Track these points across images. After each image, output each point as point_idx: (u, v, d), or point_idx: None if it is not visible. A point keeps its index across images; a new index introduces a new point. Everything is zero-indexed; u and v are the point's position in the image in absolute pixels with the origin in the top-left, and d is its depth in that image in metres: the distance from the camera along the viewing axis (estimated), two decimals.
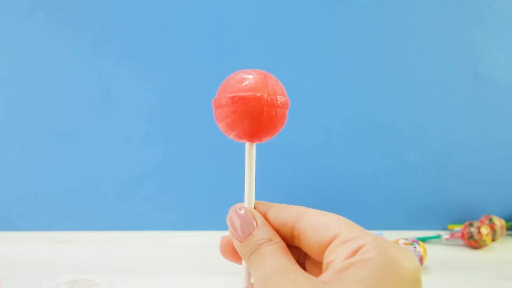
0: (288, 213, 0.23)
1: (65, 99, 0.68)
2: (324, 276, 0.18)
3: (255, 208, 0.24)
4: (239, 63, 0.68)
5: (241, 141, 0.24)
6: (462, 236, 0.62)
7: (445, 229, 0.72)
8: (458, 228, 0.69)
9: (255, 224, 0.22)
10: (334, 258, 0.19)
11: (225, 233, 0.25)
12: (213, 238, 0.40)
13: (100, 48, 0.67)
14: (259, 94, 0.22)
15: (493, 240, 0.65)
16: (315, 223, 0.21)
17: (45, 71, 0.67)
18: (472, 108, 0.71)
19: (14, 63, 0.67)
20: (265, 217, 0.23)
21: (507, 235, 0.69)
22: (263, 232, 0.22)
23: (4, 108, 0.68)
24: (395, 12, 0.69)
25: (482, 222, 0.66)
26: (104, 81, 0.68)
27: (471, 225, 0.62)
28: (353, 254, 0.18)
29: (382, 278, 0.17)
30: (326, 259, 0.20)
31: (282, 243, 0.22)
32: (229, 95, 0.22)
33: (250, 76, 0.23)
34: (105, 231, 0.69)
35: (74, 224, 0.69)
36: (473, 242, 0.61)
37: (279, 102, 0.23)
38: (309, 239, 0.21)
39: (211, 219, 0.69)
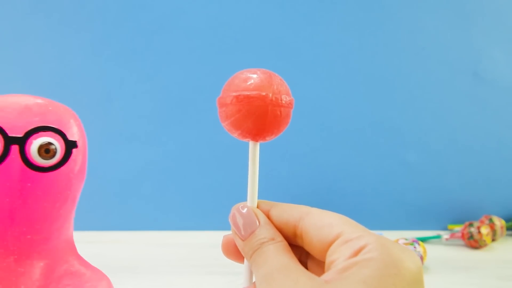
0: (291, 212, 0.23)
1: (65, 99, 0.68)
2: (326, 276, 0.18)
3: (257, 207, 0.24)
4: (239, 63, 0.68)
5: (245, 140, 0.24)
6: (462, 236, 0.62)
7: (445, 229, 0.72)
8: (458, 228, 0.69)
9: (258, 223, 0.22)
10: (337, 257, 0.19)
11: (226, 232, 0.25)
12: (213, 238, 0.40)
13: (100, 48, 0.67)
14: (264, 93, 0.22)
15: (493, 240, 0.65)
16: (318, 223, 0.21)
17: (45, 71, 0.67)
18: (472, 108, 0.71)
19: (14, 63, 0.67)
20: (268, 216, 0.23)
21: (507, 235, 0.69)
22: (265, 231, 0.22)
23: None
24: (395, 12, 0.69)
25: (482, 222, 0.66)
26: (104, 81, 0.68)
27: (471, 225, 0.62)
28: (356, 253, 0.18)
29: (384, 278, 0.17)
30: (328, 258, 0.20)
31: (285, 242, 0.22)
32: (234, 93, 0.22)
33: (255, 75, 0.23)
34: (105, 231, 0.68)
35: (74, 224, 0.69)
36: (473, 242, 0.61)
37: (283, 102, 0.23)
38: (311, 238, 0.21)
39: (211, 219, 0.69)
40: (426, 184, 0.71)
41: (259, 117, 0.22)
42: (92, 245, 0.63)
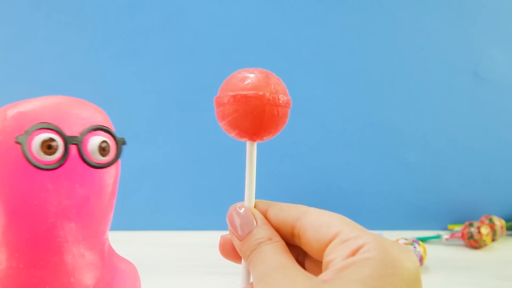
0: (289, 212, 0.22)
1: None
2: (324, 275, 0.18)
3: (255, 207, 0.24)
4: (239, 63, 0.68)
5: (242, 139, 0.24)
6: (462, 236, 0.62)
7: (445, 229, 0.72)
8: (458, 228, 0.69)
9: (255, 223, 0.22)
10: (334, 257, 0.19)
11: (225, 233, 0.25)
12: (213, 238, 0.40)
13: (100, 48, 0.67)
14: (261, 93, 0.22)
15: (493, 240, 0.65)
16: (316, 222, 0.21)
17: (45, 71, 0.67)
18: (472, 108, 0.71)
19: (14, 63, 0.67)
20: (265, 216, 0.23)
21: (507, 235, 0.69)
22: (263, 231, 0.22)
23: None
24: (395, 12, 0.69)
25: (482, 222, 0.66)
26: (104, 81, 0.68)
27: (471, 225, 0.62)
28: (354, 253, 0.18)
29: (382, 278, 0.17)
30: (326, 258, 0.20)
31: (282, 242, 0.22)
32: (231, 93, 0.22)
33: (252, 75, 0.23)
34: None
35: None
36: (473, 242, 0.61)
37: (281, 101, 0.23)
38: (309, 238, 0.21)
39: (211, 219, 0.69)
40: (426, 184, 0.71)
41: (256, 117, 0.22)
42: None
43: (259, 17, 0.68)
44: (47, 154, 0.23)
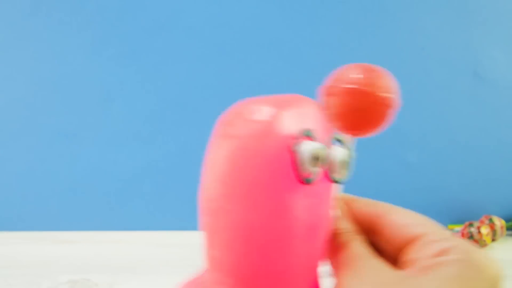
0: (373, 208, 0.23)
1: (65, 99, 0.68)
2: (409, 271, 0.19)
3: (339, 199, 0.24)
4: (239, 63, 0.68)
5: (343, 133, 0.23)
6: (462, 236, 0.62)
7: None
8: (458, 228, 0.69)
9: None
10: (420, 256, 0.19)
11: None
12: None
13: (100, 48, 0.67)
14: (372, 90, 0.22)
15: (493, 240, 0.65)
16: (401, 220, 0.22)
17: (45, 71, 0.67)
18: (472, 108, 0.71)
19: (14, 63, 0.67)
20: (348, 210, 0.24)
21: (507, 235, 0.69)
22: (345, 223, 0.23)
23: (4, 108, 0.68)
24: (395, 12, 0.69)
25: (482, 222, 0.66)
26: (104, 81, 0.68)
27: (471, 225, 0.62)
28: (440, 254, 0.19)
29: (468, 280, 0.18)
30: (407, 256, 0.20)
31: (363, 236, 0.22)
32: (342, 85, 0.22)
33: (366, 71, 0.22)
34: (105, 231, 0.68)
35: (74, 224, 0.69)
36: (473, 242, 0.61)
37: (389, 101, 0.22)
38: (390, 235, 0.22)
39: None
40: (426, 184, 0.71)
41: (363, 113, 0.22)
42: (92, 245, 0.63)
43: (259, 17, 0.68)
44: (313, 166, 0.19)
